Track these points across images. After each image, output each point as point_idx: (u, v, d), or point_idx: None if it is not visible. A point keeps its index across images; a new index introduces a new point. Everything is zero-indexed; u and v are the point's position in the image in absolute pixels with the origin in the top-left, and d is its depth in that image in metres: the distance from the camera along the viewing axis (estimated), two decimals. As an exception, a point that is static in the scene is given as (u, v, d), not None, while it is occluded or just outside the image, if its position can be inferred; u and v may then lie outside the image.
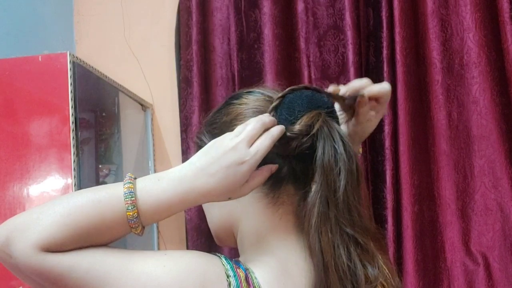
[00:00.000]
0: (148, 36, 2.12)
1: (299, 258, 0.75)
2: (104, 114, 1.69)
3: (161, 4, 2.12)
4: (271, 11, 1.86)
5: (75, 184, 1.35)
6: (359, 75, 1.80)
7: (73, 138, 1.35)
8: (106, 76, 1.68)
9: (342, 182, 0.73)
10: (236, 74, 1.92)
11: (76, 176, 1.36)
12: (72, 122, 1.35)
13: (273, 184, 0.79)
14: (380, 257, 0.75)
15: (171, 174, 0.72)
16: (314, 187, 0.75)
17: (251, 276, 0.71)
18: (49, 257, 0.68)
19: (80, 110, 1.40)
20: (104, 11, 2.15)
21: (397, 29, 1.75)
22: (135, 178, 0.73)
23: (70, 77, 1.37)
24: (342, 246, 0.72)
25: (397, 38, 1.75)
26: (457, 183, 1.78)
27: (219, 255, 0.74)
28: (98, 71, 1.61)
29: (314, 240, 0.73)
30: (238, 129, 0.73)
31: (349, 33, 1.80)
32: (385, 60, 1.75)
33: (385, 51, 1.76)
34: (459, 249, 1.75)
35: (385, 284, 0.73)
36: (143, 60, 2.10)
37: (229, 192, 0.72)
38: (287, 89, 0.79)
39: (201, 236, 1.86)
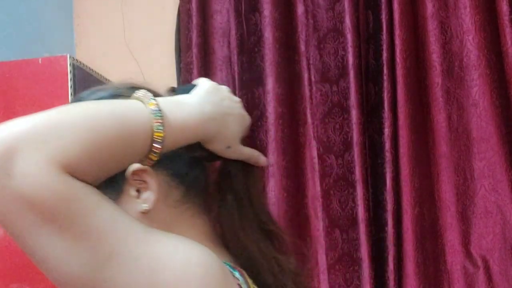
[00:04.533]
0: (148, 38, 2.12)
1: None
2: (104, 117, 1.70)
3: (161, 7, 2.12)
4: (271, 14, 1.86)
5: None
6: (359, 77, 1.80)
7: (73, 140, 1.35)
8: (106, 79, 1.69)
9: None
10: (236, 77, 1.92)
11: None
12: (72, 125, 1.35)
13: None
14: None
15: (189, 99, 0.64)
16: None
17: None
18: (75, 182, 0.51)
19: (80, 112, 1.40)
20: (104, 14, 2.16)
21: (397, 32, 1.75)
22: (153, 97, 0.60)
23: (70, 79, 1.37)
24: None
25: (397, 40, 1.75)
26: (457, 185, 1.77)
27: (225, 263, 0.63)
28: (98, 73, 1.61)
29: None
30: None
31: (349, 36, 1.80)
32: (385, 62, 1.76)
33: (385, 54, 1.76)
34: (459, 252, 1.75)
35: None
36: (143, 63, 2.10)
37: (232, 137, 0.67)
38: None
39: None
